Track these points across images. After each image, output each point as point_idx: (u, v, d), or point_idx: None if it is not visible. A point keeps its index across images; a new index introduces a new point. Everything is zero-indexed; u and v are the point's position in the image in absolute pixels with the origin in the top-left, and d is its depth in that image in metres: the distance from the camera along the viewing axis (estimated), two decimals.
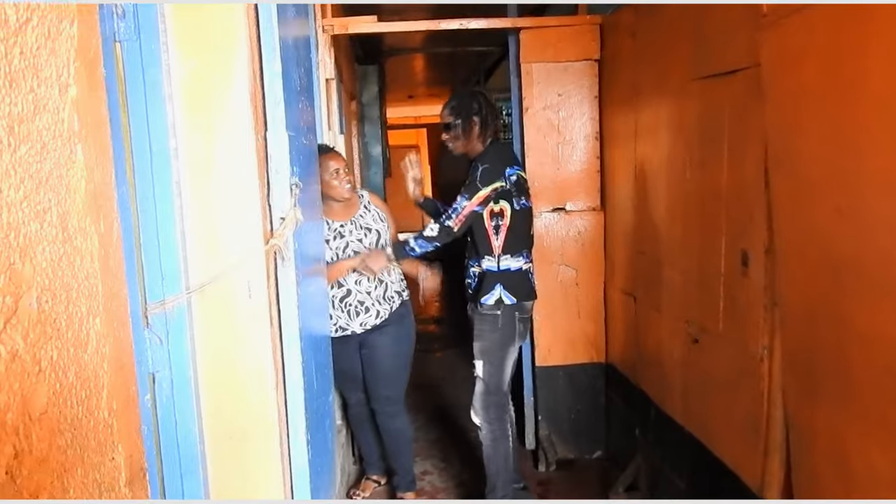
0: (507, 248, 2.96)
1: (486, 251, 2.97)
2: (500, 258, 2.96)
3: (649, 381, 3.11)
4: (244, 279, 1.84)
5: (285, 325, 1.97)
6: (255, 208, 1.84)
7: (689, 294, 2.60)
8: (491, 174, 2.86)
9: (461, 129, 3.01)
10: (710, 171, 2.39)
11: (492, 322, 2.98)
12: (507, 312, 2.96)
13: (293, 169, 1.99)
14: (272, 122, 1.91)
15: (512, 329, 2.98)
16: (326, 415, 2.47)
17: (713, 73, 2.34)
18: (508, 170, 2.91)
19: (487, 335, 3.00)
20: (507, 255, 2.97)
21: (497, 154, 2.96)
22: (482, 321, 3.01)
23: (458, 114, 3.02)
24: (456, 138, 3.05)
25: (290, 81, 2.05)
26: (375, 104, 6.61)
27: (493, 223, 2.94)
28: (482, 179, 2.85)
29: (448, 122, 3.06)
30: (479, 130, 3.00)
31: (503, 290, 2.94)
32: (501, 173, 2.88)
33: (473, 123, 3.00)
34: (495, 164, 2.90)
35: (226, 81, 1.80)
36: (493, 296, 2.95)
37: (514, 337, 3.00)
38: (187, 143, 1.79)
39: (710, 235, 2.40)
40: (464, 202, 2.86)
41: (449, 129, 3.06)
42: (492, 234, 2.95)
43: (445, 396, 4.88)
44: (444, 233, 2.88)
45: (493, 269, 2.97)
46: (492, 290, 2.95)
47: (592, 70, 3.56)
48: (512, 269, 2.97)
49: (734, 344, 2.27)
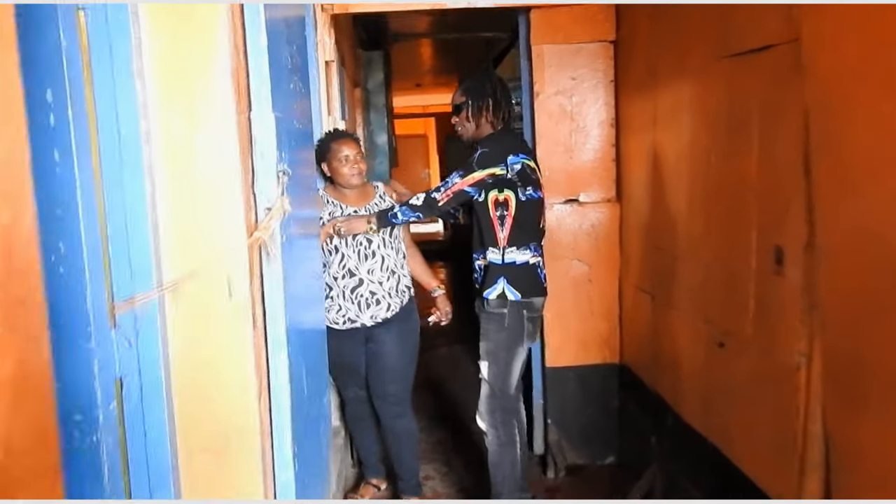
0: (512, 239, 2.78)
1: (491, 242, 2.81)
2: (505, 250, 2.79)
3: (666, 385, 2.91)
4: (224, 275, 1.66)
5: (271, 326, 1.78)
6: (237, 197, 1.65)
7: (712, 293, 2.41)
8: (489, 158, 2.70)
9: (471, 113, 2.84)
10: (737, 159, 2.19)
11: (498, 321, 2.80)
12: (515, 310, 2.78)
13: (281, 154, 1.80)
14: (257, 102, 1.72)
15: (520, 328, 2.80)
16: (320, 419, 2.29)
17: (742, 50, 2.14)
18: (512, 157, 2.71)
19: (493, 335, 2.82)
20: (513, 248, 2.78)
21: (500, 139, 2.79)
22: (488, 320, 2.83)
23: (469, 96, 2.85)
24: (466, 121, 2.88)
25: (279, 58, 1.86)
26: (381, 92, 6.40)
27: (499, 213, 2.78)
28: (478, 162, 2.70)
29: (458, 104, 2.88)
30: (491, 115, 2.84)
31: (507, 284, 2.77)
32: (501, 159, 2.70)
33: (485, 107, 2.82)
34: (495, 149, 2.72)
35: (204, 56, 1.61)
36: (495, 290, 2.78)
37: (521, 337, 2.82)
38: (161, 124, 1.60)
39: (738, 230, 2.20)
40: (455, 178, 2.73)
41: (459, 111, 2.88)
42: (497, 225, 2.79)
43: (450, 395, 4.69)
44: (428, 204, 2.75)
45: (498, 261, 2.80)
46: (495, 283, 2.78)
47: (607, 52, 3.35)
48: (517, 263, 2.79)
49: (765, 350, 2.07)
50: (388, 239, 2.94)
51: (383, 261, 2.91)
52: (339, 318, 2.90)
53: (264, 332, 1.78)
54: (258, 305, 1.75)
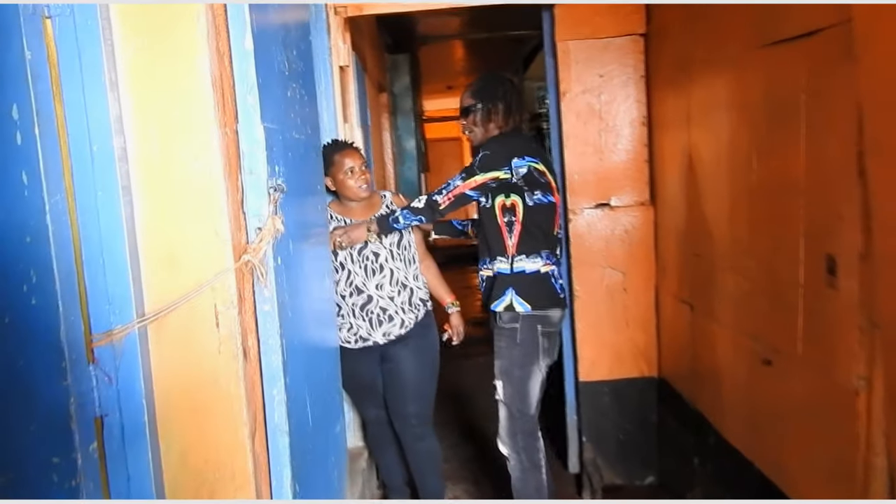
0: (521, 247, 2.60)
1: (499, 251, 2.63)
2: (514, 259, 2.61)
3: (708, 402, 2.70)
4: (210, 304, 1.52)
5: (265, 357, 1.63)
6: (223, 217, 1.51)
7: (757, 306, 2.19)
8: (491, 161, 2.53)
9: (481, 116, 2.68)
10: (782, 158, 1.98)
11: (509, 337, 2.62)
12: (527, 325, 2.59)
13: (274, 168, 1.65)
14: (244, 112, 1.58)
15: (534, 345, 2.61)
16: (330, 450, 2.13)
17: (784, 37, 1.92)
18: (517, 160, 2.52)
19: (505, 351, 2.64)
20: (522, 256, 2.60)
21: (505, 142, 2.60)
22: (500, 336, 2.66)
23: (479, 98, 2.68)
24: (474, 125, 2.71)
25: (271, 63, 1.72)
26: (408, 95, 6.28)
27: (506, 219, 2.61)
28: (481, 165, 2.54)
29: (468, 106, 2.71)
30: (501, 119, 2.66)
31: (515, 294, 2.58)
32: (504, 163, 2.52)
33: (495, 110, 2.65)
34: (498, 151, 2.55)
35: (184, 63, 1.47)
36: (503, 301, 2.60)
37: (536, 354, 2.62)
38: (137, 139, 1.47)
39: (785, 237, 1.98)
40: (457, 181, 2.58)
41: (468, 113, 2.71)
42: (505, 232, 2.61)
43: (481, 409, 4.50)
44: (429, 207, 2.60)
45: (506, 271, 2.62)
46: (503, 295, 2.60)
47: (637, 46, 3.15)
48: (527, 272, 2.60)
49: (818, 370, 1.86)
50: (395, 250, 2.77)
51: (392, 274, 2.74)
52: (351, 337, 2.75)
53: (259, 363, 1.63)
54: (251, 335, 1.61)
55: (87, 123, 1.42)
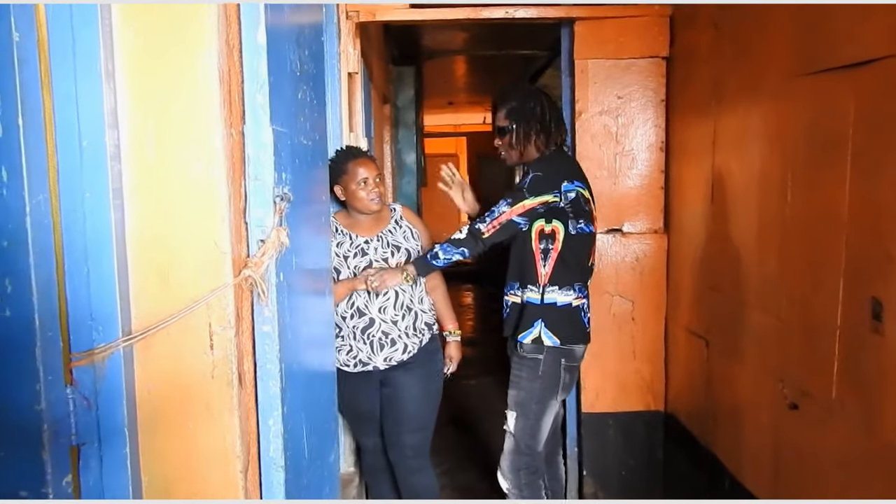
0: (555, 277, 2.45)
1: (531, 279, 2.47)
2: (546, 289, 2.45)
3: (724, 445, 2.56)
4: (204, 323, 1.37)
5: (262, 383, 1.48)
6: (223, 227, 1.36)
7: (785, 346, 2.06)
8: (542, 184, 2.36)
9: (519, 136, 2.49)
10: (823, 191, 1.86)
11: (531, 368, 2.47)
12: (552, 358, 2.45)
13: (281, 175, 1.51)
14: (252, 113, 1.44)
15: (555, 378, 2.47)
16: (324, 483, 1.98)
17: (832, 66, 1.81)
18: (566, 184, 2.37)
19: (525, 383, 2.49)
20: (555, 287, 2.45)
21: (555, 163, 2.44)
22: (520, 366, 2.51)
23: (516, 117, 2.49)
24: (511, 146, 2.53)
25: (283, 62, 1.58)
26: (411, 108, 6.15)
27: (542, 246, 2.44)
28: (531, 188, 2.36)
29: (503, 127, 2.53)
30: (540, 139, 2.49)
31: (544, 327, 2.44)
32: (556, 186, 2.36)
33: (533, 130, 2.48)
34: (550, 174, 2.38)
35: (188, 53, 1.33)
36: (531, 334, 2.45)
37: (556, 388, 2.49)
38: (133, 137, 1.32)
39: (822, 275, 1.86)
40: (504, 207, 2.38)
41: (504, 134, 2.53)
42: (539, 259, 2.45)
43: (479, 434, 4.34)
44: (473, 238, 2.40)
45: (536, 301, 2.46)
46: (531, 327, 2.45)
47: (659, 69, 3.04)
48: (558, 304, 2.45)
49: (855, 419, 1.72)
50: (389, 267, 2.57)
51: (397, 297, 2.56)
52: (350, 361, 2.58)
53: (255, 390, 1.48)
54: (247, 359, 1.46)
55: (78, 116, 1.27)
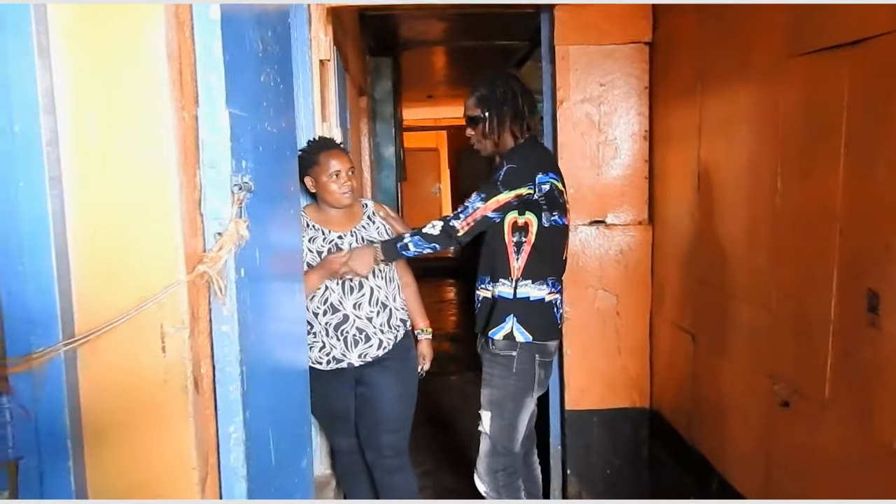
0: (528, 271, 2.35)
1: (503, 273, 2.37)
2: (519, 283, 2.36)
3: (711, 444, 2.48)
4: (156, 323, 1.25)
5: (221, 387, 1.37)
6: (174, 219, 1.25)
7: (776, 342, 1.98)
8: (517, 177, 2.26)
9: (492, 125, 2.38)
10: (816, 180, 1.77)
11: (504, 366, 2.37)
12: (525, 354, 2.36)
13: (240, 164, 1.39)
14: (206, 94, 1.32)
15: (530, 375, 2.37)
16: (296, 490, 1.87)
17: (826, 45, 1.72)
18: (541, 176, 2.27)
19: (498, 381, 2.39)
20: (528, 281, 2.36)
21: (528, 154, 2.34)
22: (492, 363, 2.41)
23: (487, 105, 2.38)
24: (484, 136, 2.42)
25: (242, 40, 1.46)
26: (389, 101, 6.03)
27: (515, 239, 2.35)
28: (505, 181, 2.26)
29: (475, 116, 2.42)
30: (513, 125, 2.39)
31: (517, 323, 2.34)
32: (530, 178, 2.26)
33: (507, 117, 2.37)
34: (524, 165, 2.28)
35: (132, 27, 1.21)
36: (502, 329, 2.35)
37: (531, 386, 2.39)
38: (73, 120, 1.20)
39: (815, 267, 1.77)
40: (477, 203, 2.27)
41: (475, 123, 2.42)
42: (511, 253, 2.35)
43: (461, 433, 4.24)
44: (447, 234, 2.30)
45: (508, 295, 2.36)
46: (502, 322, 2.36)
47: (642, 55, 2.95)
48: (531, 299, 2.36)
49: (850, 418, 1.64)
50: (376, 268, 2.47)
51: (372, 293, 2.47)
52: (323, 358, 2.47)
53: (213, 395, 1.37)
54: (205, 361, 1.34)
55: (10, 98, 1.15)
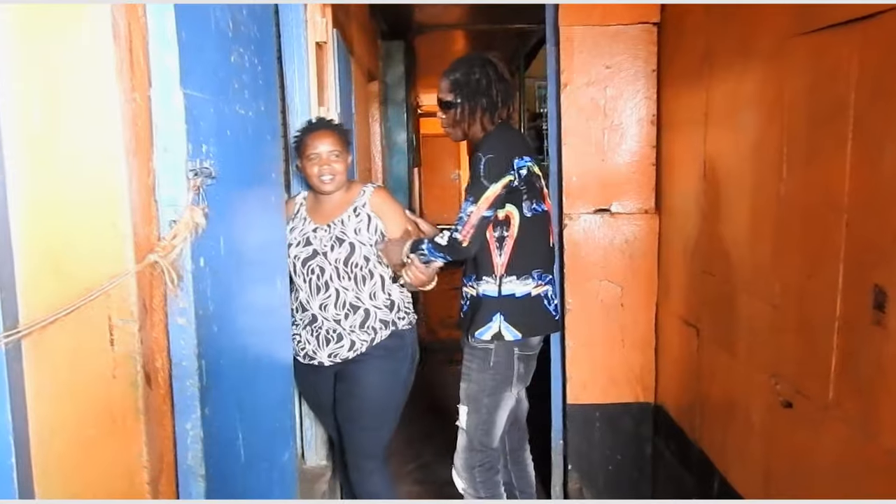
0: (512, 267, 2.26)
1: (486, 270, 2.27)
2: (503, 280, 2.26)
3: (713, 442, 2.38)
4: (104, 315, 1.19)
5: (178, 382, 1.31)
6: (122, 206, 1.18)
7: (779, 338, 1.88)
8: (498, 166, 2.15)
9: (462, 113, 2.29)
10: (822, 167, 1.66)
11: (481, 359, 2.29)
12: (503, 347, 2.27)
13: (200, 147, 1.32)
14: (160, 75, 1.25)
15: (508, 369, 2.29)
16: (274, 486, 1.81)
17: (832, 21, 1.61)
18: (517, 160, 2.17)
19: (475, 375, 2.31)
20: (512, 277, 2.26)
21: (503, 138, 2.23)
22: (470, 356, 2.33)
23: (461, 91, 2.28)
24: (454, 123, 2.34)
25: (205, 18, 1.39)
26: (400, 86, 5.95)
27: (497, 234, 2.24)
28: (488, 174, 2.15)
29: (447, 101, 2.32)
30: (483, 116, 2.29)
31: (504, 321, 2.25)
32: (510, 165, 2.16)
33: (479, 105, 2.27)
34: (500, 152, 2.17)
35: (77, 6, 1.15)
36: (489, 329, 2.25)
37: (510, 380, 2.31)
38: (14, 102, 1.14)
39: (820, 261, 1.67)
40: (469, 208, 2.15)
41: (448, 108, 2.33)
42: (494, 249, 2.26)
43: None
44: (451, 246, 2.19)
45: (493, 294, 2.27)
46: (489, 321, 2.26)
47: (650, 36, 2.82)
48: (517, 296, 2.27)
49: (854, 422, 1.54)
50: (342, 268, 2.30)
51: (338, 295, 2.32)
52: (300, 352, 2.38)
53: (169, 390, 1.31)
54: (159, 355, 1.28)
55: None
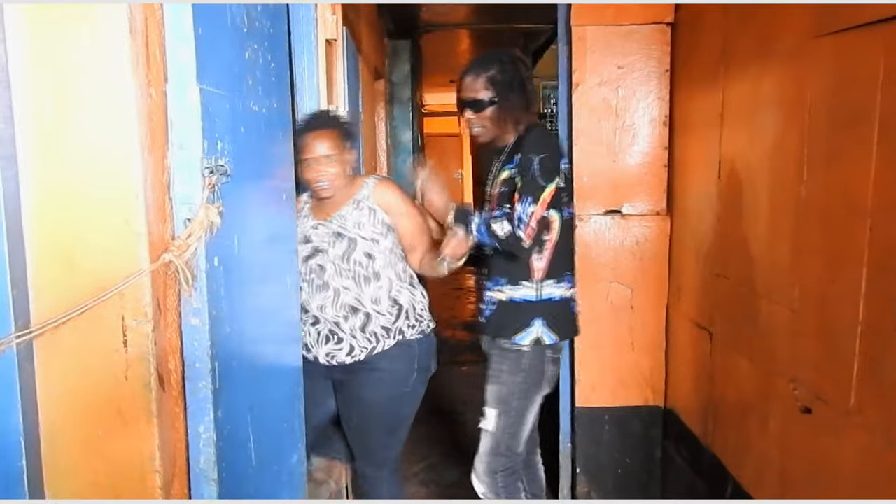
0: (551, 271, 2.24)
1: (523, 275, 2.23)
2: (543, 284, 2.23)
3: (726, 447, 2.35)
4: (116, 315, 1.17)
5: (191, 384, 1.28)
6: (137, 203, 1.15)
7: (799, 344, 1.85)
8: (551, 167, 2.11)
9: (501, 110, 2.22)
10: (845, 170, 1.63)
11: (514, 361, 2.26)
12: (537, 350, 2.25)
13: (215, 144, 1.30)
14: (175, 70, 1.22)
15: (539, 372, 2.27)
16: (283, 489, 1.78)
17: (858, 22, 1.58)
18: (561, 162, 2.18)
19: (507, 377, 2.28)
20: (551, 281, 2.24)
21: (548, 139, 2.20)
22: (501, 359, 2.29)
23: (497, 90, 2.21)
24: (488, 121, 2.25)
25: (221, 13, 1.37)
26: (407, 84, 5.92)
27: (538, 238, 2.18)
28: (544, 174, 2.09)
29: (479, 100, 2.22)
30: (519, 115, 2.23)
31: (544, 326, 2.22)
32: (559, 166, 2.14)
33: (516, 103, 2.21)
34: (553, 153, 2.14)
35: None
36: (529, 334, 2.22)
37: (540, 383, 2.29)
38: (28, 95, 1.12)
39: (842, 265, 1.64)
40: (528, 207, 2.07)
41: (479, 108, 2.23)
42: (534, 253, 2.22)
43: (469, 426, 4.13)
44: (509, 242, 2.11)
45: (532, 298, 2.23)
46: (528, 326, 2.22)
47: (663, 36, 2.80)
48: (555, 299, 2.25)
49: (876, 429, 1.52)
50: (342, 265, 2.18)
51: (338, 296, 2.20)
52: (303, 346, 2.27)
53: (182, 392, 1.28)
54: (172, 356, 1.26)
55: None
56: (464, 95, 2.27)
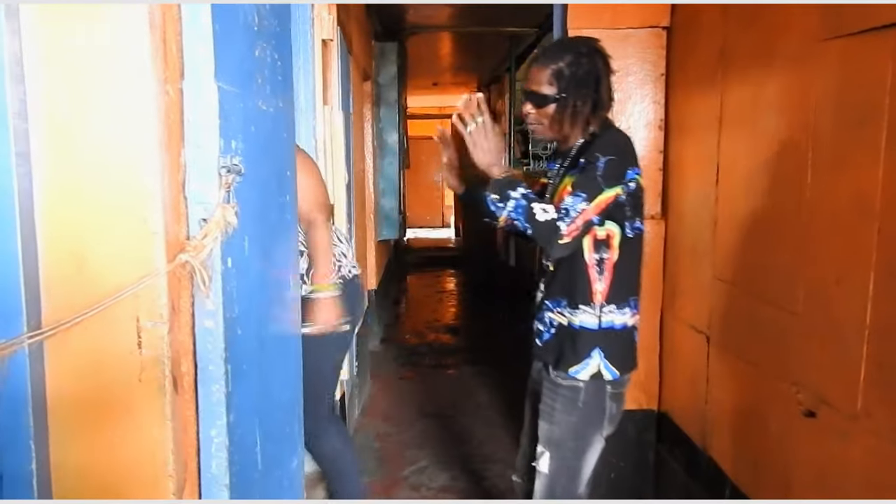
0: (612, 295, 1.91)
1: (583, 298, 1.91)
2: (604, 309, 1.91)
3: (725, 451, 2.36)
4: (131, 316, 1.14)
5: (204, 387, 1.26)
6: (153, 202, 1.13)
7: (802, 347, 1.86)
8: (617, 171, 1.81)
9: (566, 109, 1.89)
10: (852, 173, 1.65)
11: (569, 398, 1.94)
12: (595, 385, 1.93)
13: (229, 144, 1.27)
14: (193, 67, 1.20)
15: (599, 410, 1.95)
16: (284, 494, 1.76)
17: (866, 26, 1.59)
18: (629, 172, 1.84)
19: (560, 416, 1.96)
20: (612, 307, 1.91)
21: (622, 143, 1.90)
22: (554, 394, 1.97)
23: (565, 83, 1.88)
24: (548, 119, 1.93)
25: (235, 11, 1.34)
26: (393, 86, 5.90)
27: (597, 256, 1.89)
28: (607, 176, 1.78)
29: (545, 95, 1.90)
30: (591, 116, 1.92)
31: (604, 358, 1.90)
32: (623, 174, 1.82)
33: (587, 102, 1.89)
34: (623, 158, 1.84)
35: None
36: (587, 367, 1.90)
37: (601, 422, 1.97)
38: (43, 90, 1.09)
39: (849, 267, 1.65)
40: (580, 204, 1.74)
41: (541, 103, 1.91)
42: (593, 273, 1.90)
43: (457, 429, 4.14)
44: (546, 228, 1.75)
45: (592, 326, 1.91)
46: (587, 357, 1.91)
47: (659, 40, 2.81)
48: (616, 327, 1.92)
49: (883, 432, 1.53)
50: None
51: None
52: None
53: (194, 395, 1.25)
54: (185, 359, 1.23)
55: None
56: (528, 85, 1.98)
